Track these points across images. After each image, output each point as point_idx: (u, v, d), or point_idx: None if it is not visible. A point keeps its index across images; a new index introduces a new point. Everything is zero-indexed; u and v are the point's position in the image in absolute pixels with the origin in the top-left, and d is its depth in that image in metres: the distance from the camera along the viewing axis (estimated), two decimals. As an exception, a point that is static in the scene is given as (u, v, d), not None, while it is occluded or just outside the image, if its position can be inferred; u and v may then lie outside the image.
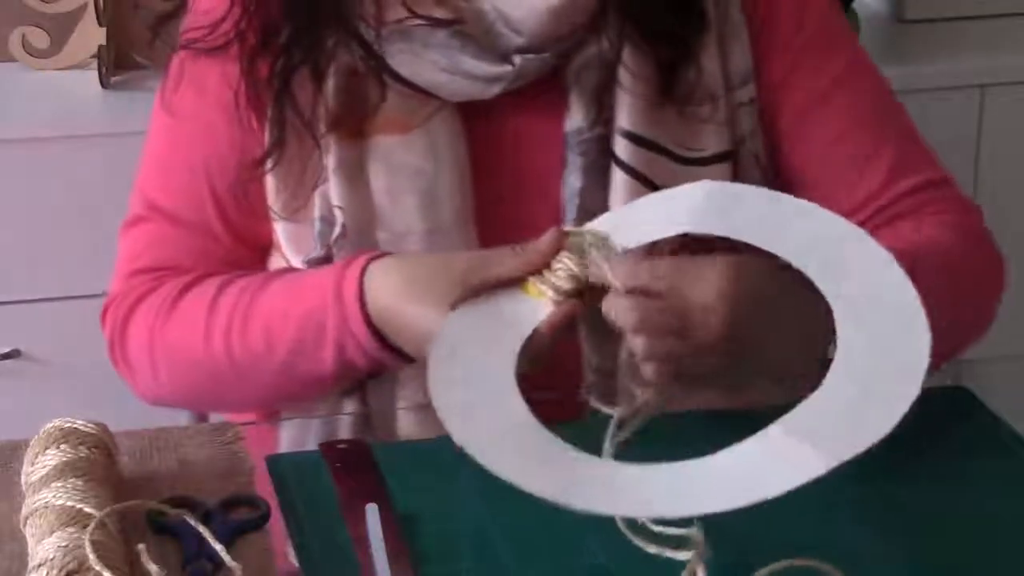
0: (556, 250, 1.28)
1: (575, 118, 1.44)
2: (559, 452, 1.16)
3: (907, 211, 1.46)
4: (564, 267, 1.27)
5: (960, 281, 1.36)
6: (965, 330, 1.46)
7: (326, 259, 1.42)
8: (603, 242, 1.28)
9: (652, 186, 1.42)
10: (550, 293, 1.26)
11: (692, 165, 1.44)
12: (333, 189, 1.42)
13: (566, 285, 1.26)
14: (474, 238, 1.42)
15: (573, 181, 1.43)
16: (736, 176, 1.45)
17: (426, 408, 1.39)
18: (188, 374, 1.44)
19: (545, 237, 1.28)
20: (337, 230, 1.42)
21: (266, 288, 1.41)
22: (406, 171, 1.42)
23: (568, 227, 1.31)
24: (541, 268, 1.28)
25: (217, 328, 1.40)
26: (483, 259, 1.30)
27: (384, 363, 1.36)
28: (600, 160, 1.43)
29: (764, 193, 1.32)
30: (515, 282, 1.28)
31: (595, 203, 1.42)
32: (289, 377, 1.39)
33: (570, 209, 1.43)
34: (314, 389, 1.41)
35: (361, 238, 1.41)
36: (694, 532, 1.13)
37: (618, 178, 1.42)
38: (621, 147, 1.43)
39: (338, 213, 1.42)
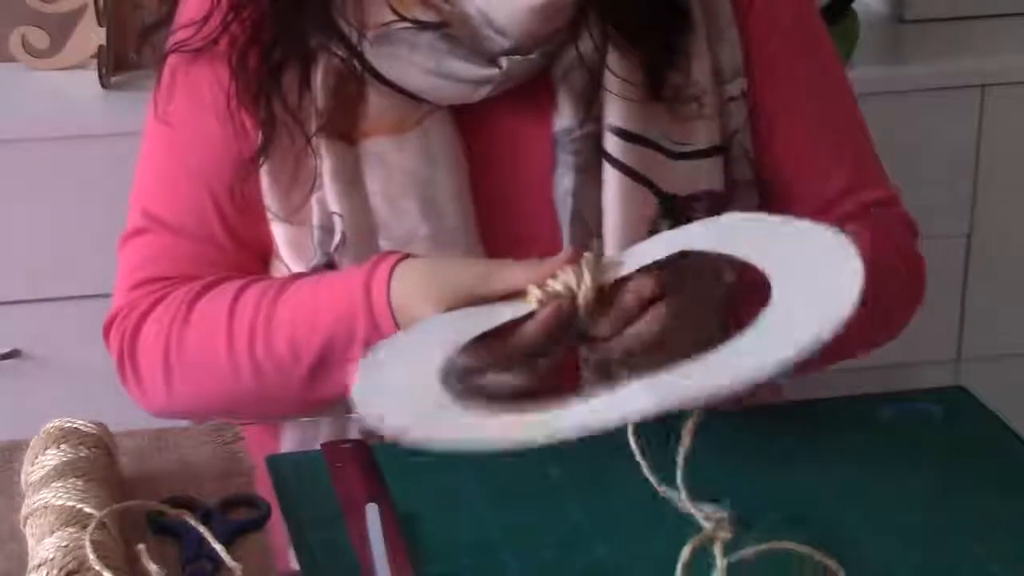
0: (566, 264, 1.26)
1: (564, 118, 1.43)
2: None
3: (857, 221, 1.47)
4: (562, 278, 1.25)
5: (887, 292, 1.41)
6: (874, 334, 1.50)
7: (328, 267, 1.41)
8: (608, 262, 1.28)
9: (644, 181, 1.42)
10: (538, 294, 1.25)
11: (684, 159, 1.44)
12: (329, 195, 1.41)
13: (558, 288, 1.25)
14: (477, 241, 1.42)
15: (565, 181, 1.43)
16: (727, 169, 1.46)
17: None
18: (207, 381, 1.41)
19: (560, 254, 1.27)
20: (337, 238, 1.41)
21: (287, 293, 1.39)
22: (402, 174, 1.41)
23: (584, 250, 1.28)
24: (546, 279, 1.26)
25: (239, 336, 1.38)
26: (494, 270, 1.29)
27: None
28: (592, 158, 1.43)
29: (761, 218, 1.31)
30: (520, 294, 1.27)
31: (588, 201, 1.42)
32: (314, 383, 1.37)
33: (563, 209, 1.43)
34: (337, 396, 1.39)
35: (362, 245, 1.41)
36: (722, 513, 1.14)
37: (611, 175, 1.42)
38: (612, 144, 1.43)
39: (336, 220, 1.41)
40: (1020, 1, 2.58)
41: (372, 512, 1.20)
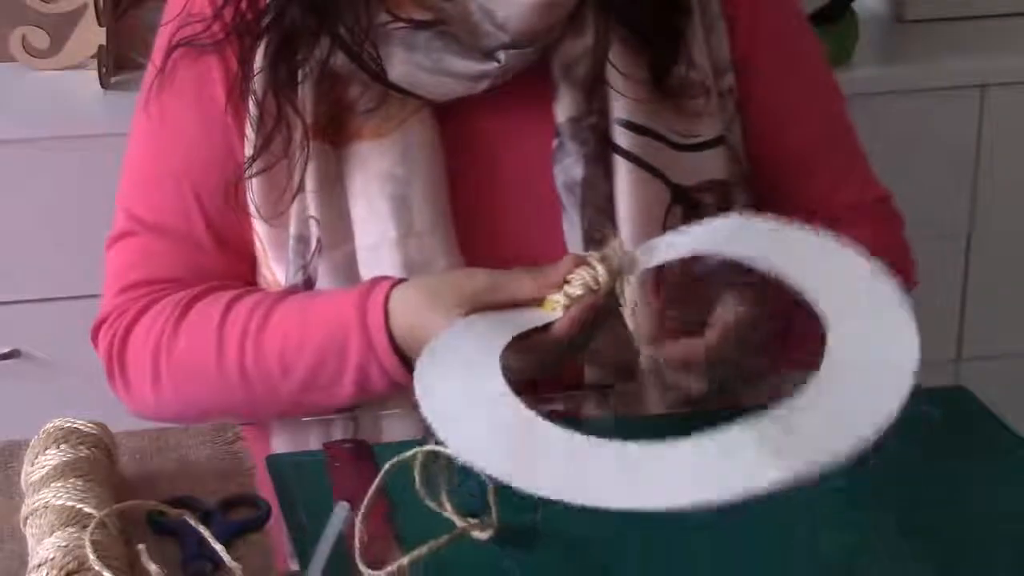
0: (571, 271, 1.29)
1: (568, 108, 1.44)
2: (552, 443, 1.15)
3: (847, 221, 1.46)
4: (580, 278, 1.28)
5: None
6: None
7: (305, 281, 1.42)
8: (628, 257, 1.30)
9: (655, 171, 1.43)
10: (563, 300, 1.28)
11: (689, 151, 1.46)
12: (310, 199, 1.42)
13: (579, 291, 1.27)
14: (453, 242, 1.41)
15: (574, 170, 1.43)
16: (726, 159, 1.47)
17: (411, 412, 1.39)
18: (195, 388, 1.42)
19: (562, 261, 1.29)
20: (312, 246, 1.42)
21: (280, 307, 1.39)
22: (379, 177, 1.42)
23: (583, 253, 1.33)
24: (557, 288, 1.29)
25: (229, 346, 1.39)
26: (499, 279, 1.30)
27: (405, 387, 1.33)
28: (600, 149, 1.43)
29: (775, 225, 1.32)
30: (530, 302, 1.29)
31: (598, 190, 1.43)
32: (303, 396, 1.38)
33: (571, 197, 1.43)
34: (329, 407, 1.40)
35: (336, 251, 1.41)
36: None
37: (621, 165, 1.43)
38: (620, 135, 1.44)
39: (313, 226, 1.41)
40: (1020, 1, 2.58)
41: (340, 510, 1.18)
